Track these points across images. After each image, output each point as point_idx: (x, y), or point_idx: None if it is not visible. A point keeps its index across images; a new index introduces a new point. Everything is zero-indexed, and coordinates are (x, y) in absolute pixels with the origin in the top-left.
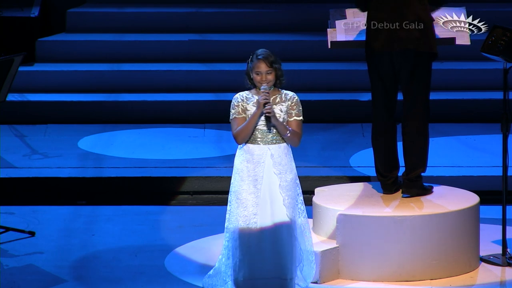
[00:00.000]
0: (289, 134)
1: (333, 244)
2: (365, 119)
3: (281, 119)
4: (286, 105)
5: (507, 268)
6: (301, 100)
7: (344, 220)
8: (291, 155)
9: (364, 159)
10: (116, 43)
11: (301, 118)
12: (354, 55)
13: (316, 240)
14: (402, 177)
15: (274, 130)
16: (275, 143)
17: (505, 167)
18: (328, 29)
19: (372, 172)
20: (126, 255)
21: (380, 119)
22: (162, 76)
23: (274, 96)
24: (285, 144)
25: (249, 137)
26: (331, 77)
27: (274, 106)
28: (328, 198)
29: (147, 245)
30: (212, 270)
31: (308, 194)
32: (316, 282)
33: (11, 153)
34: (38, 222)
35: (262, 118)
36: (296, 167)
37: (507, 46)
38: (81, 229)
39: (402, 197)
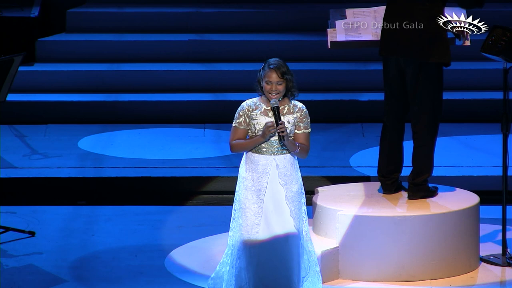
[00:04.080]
0: (298, 150)
1: (333, 244)
2: (365, 119)
3: (288, 130)
4: (294, 117)
5: (507, 268)
6: (301, 100)
7: (344, 220)
8: (297, 165)
9: (364, 159)
10: (116, 43)
11: (309, 130)
12: (354, 55)
13: (316, 240)
14: (408, 181)
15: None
16: (280, 154)
17: (505, 167)
18: (328, 29)
19: (372, 172)
20: (126, 255)
21: (388, 121)
22: (162, 76)
23: (282, 107)
24: (290, 154)
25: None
26: (331, 77)
27: (282, 117)
28: (328, 198)
29: (147, 245)
30: (214, 273)
31: (308, 194)
32: None
33: (11, 153)
34: (38, 222)
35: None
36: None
37: (507, 46)
38: (81, 229)
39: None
